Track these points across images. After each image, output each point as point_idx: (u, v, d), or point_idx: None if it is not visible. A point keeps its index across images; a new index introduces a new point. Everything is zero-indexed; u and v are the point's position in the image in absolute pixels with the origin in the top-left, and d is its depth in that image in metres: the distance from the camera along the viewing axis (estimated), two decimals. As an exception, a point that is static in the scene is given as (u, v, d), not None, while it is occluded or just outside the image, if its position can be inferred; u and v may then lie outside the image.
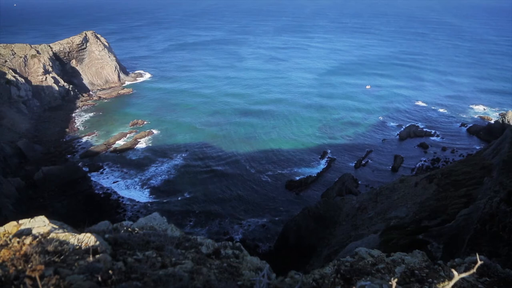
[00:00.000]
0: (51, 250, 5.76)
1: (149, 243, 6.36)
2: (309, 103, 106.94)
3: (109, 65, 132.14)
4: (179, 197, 64.93)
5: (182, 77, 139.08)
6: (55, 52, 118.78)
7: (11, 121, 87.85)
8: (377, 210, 42.95)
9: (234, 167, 74.13)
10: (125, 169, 75.07)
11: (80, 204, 61.77)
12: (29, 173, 70.57)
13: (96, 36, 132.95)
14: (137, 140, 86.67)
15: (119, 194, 66.29)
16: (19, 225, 6.93)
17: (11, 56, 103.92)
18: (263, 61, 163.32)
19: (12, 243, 6.00)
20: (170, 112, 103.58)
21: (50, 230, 6.40)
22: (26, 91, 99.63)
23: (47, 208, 56.29)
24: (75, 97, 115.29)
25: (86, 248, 6.02)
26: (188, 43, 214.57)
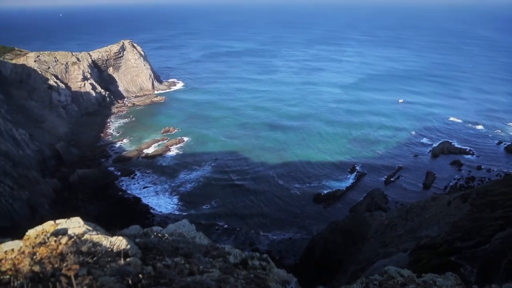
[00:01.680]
0: (85, 251, 5.99)
1: (178, 250, 6.50)
2: (339, 117, 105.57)
3: (144, 73, 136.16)
4: (206, 205, 65.49)
5: (213, 87, 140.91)
6: (94, 60, 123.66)
7: (51, 124, 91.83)
8: (407, 228, 41.73)
9: (262, 178, 74.11)
10: (155, 175, 76.62)
11: (111, 207, 63.42)
12: (65, 175, 73.30)
13: (133, 45, 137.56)
14: (168, 147, 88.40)
15: (149, 200, 67.64)
16: (56, 224, 7.24)
17: (54, 63, 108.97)
18: (293, 73, 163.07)
19: (49, 241, 6.29)
20: (201, 121, 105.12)
21: (84, 231, 6.66)
22: (66, 96, 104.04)
23: (80, 210, 58.10)
24: (110, 103, 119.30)
25: (117, 251, 6.22)
26: (220, 53, 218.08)
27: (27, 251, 5.77)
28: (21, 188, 58.78)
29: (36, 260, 5.42)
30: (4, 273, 5.01)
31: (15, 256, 5.61)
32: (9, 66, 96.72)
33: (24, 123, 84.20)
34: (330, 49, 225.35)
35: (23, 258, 5.52)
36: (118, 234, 7.02)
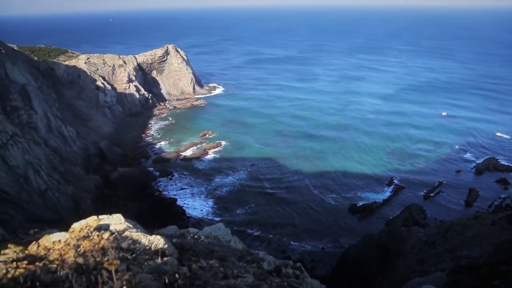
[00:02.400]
0: (125, 247, 6.24)
1: (213, 253, 6.63)
2: (378, 129, 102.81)
3: (185, 77, 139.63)
4: (240, 210, 65.85)
5: (252, 94, 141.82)
6: (139, 63, 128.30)
7: (96, 123, 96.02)
8: (446, 246, 39.95)
9: (297, 186, 73.63)
10: (192, 177, 78.08)
11: (149, 206, 65.20)
12: (107, 173, 76.22)
13: (177, 49, 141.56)
14: (206, 150, 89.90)
15: (185, 201, 68.97)
16: (99, 220, 7.59)
17: (102, 65, 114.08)
18: (332, 82, 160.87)
19: (92, 235, 6.60)
20: (238, 126, 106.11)
21: (125, 228, 6.94)
22: (112, 97, 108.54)
23: (120, 207, 60.09)
24: (153, 105, 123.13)
25: (155, 250, 6.43)
26: (261, 60, 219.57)
27: (72, 243, 6.09)
28: (67, 183, 61.75)
29: (80, 253, 5.71)
30: (52, 262, 5.33)
31: (62, 247, 5.94)
32: (62, 67, 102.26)
33: (73, 121, 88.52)
34: (371, 58, 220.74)
35: (68, 249, 5.84)
36: (156, 233, 7.26)
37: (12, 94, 69.48)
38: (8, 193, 48.87)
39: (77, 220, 8.04)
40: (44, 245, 6.02)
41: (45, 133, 71.37)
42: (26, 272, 4.76)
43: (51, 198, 55.67)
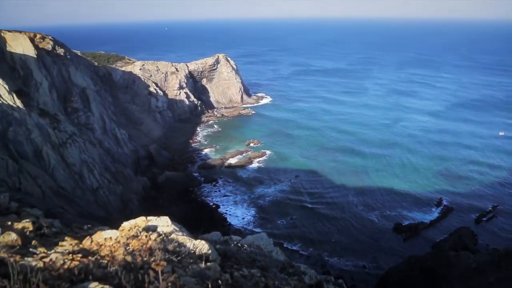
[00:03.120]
0: (171, 249, 6.44)
1: (255, 262, 6.67)
2: (426, 147, 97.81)
3: (234, 86, 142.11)
4: (281, 222, 65.44)
5: (298, 105, 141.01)
6: (190, 71, 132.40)
7: (147, 127, 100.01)
8: (499, 276, 37.28)
9: (341, 200, 72.05)
10: (236, 185, 78.89)
11: (192, 211, 66.55)
12: (155, 175, 78.90)
13: (227, 59, 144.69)
14: (251, 159, 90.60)
15: (227, 208, 69.73)
16: (147, 220, 7.89)
17: (156, 72, 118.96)
18: (381, 97, 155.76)
19: (141, 235, 6.88)
20: (283, 137, 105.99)
21: (171, 231, 7.17)
22: (163, 103, 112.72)
23: (165, 209, 61.73)
24: (201, 112, 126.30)
25: (199, 254, 6.59)
26: (310, 71, 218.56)
27: (122, 242, 6.39)
28: (117, 182, 64.63)
29: (129, 251, 5.98)
30: (103, 257, 5.62)
31: (112, 244, 6.25)
32: (119, 72, 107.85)
33: (125, 124, 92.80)
34: (423, 73, 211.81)
35: (118, 247, 6.13)
36: (201, 238, 7.43)
37: (74, 96, 74.13)
38: (65, 189, 51.94)
39: (124, 219, 8.40)
40: (97, 241, 6.36)
41: (100, 134, 75.33)
42: (80, 265, 5.06)
43: (102, 196, 58.46)
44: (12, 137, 49.99)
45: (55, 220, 8.82)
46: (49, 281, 4.42)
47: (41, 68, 66.18)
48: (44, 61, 69.64)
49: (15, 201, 10.73)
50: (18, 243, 5.70)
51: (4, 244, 5.50)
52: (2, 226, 6.39)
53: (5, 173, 43.99)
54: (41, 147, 52.55)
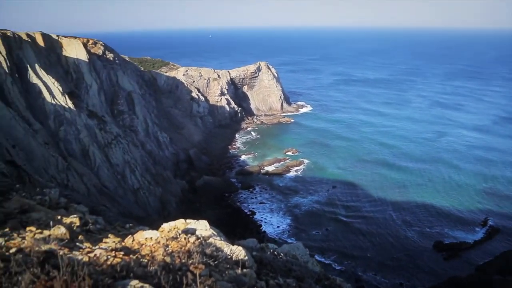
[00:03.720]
0: (209, 253, 6.53)
1: (291, 271, 6.63)
2: (472, 164, 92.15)
3: (274, 94, 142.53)
4: (316, 233, 64.46)
5: (338, 116, 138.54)
6: (232, 78, 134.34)
7: (188, 132, 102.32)
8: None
9: (377, 215, 69.79)
10: (272, 192, 78.77)
11: (228, 216, 67.08)
12: (193, 179, 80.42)
13: (268, 66, 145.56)
14: (288, 167, 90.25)
15: (263, 216, 69.70)
16: (186, 223, 8.06)
17: (198, 78, 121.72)
18: (424, 109, 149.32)
19: (180, 238, 7.02)
20: (322, 147, 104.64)
21: (210, 235, 7.28)
22: (204, 108, 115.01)
23: (201, 213, 62.73)
24: (241, 119, 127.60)
25: (236, 260, 6.63)
26: (351, 81, 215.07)
27: (162, 242, 6.56)
28: (157, 184, 66.44)
29: (168, 252, 6.12)
30: (143, 257, 5.79)
31: (153, 244, 6.43)
32: (164, 77, 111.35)
33: (167, 128, 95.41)
34: (470, 86, 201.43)
35: (158, 247, 6.30)
36: (237, 244, 7.48)
37: (120, 99, 77.29)
38: (108, 188, 54.05)
39: (162, 220, 8.59)
40: (138, 240, 6.57)
41: (143, 136, 77.94)
42: (122, 262, 5.24)
43: (142, 196, 60.29)
44: (63, 136, 52.80)
45: (99, 217, 9.20)
46: (93, 275, 4.60)
47: (92, 71, 69.61)
48: (94, 65, 73.24)
49: (64, 197, 11.30)
50: (66, 237, 6.00)
51: (54, 237, 5.80)
52: (52, 220, 6.75)
53: (55, 169, 46.46)
54: (88, 147, 55.10)
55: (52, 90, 54.49)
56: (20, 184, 10.93)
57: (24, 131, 45.90)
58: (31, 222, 6.82)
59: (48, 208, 8.26)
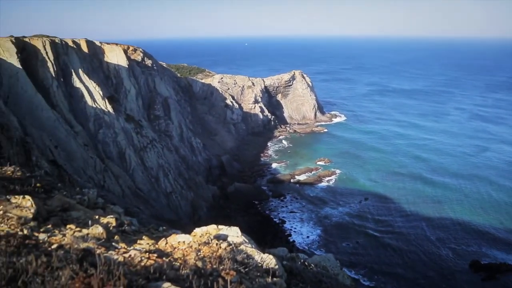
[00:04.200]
0: (239, 260, 6.54)
1: (321, 283, 6.53)
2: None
3: (308, 103, 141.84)
4: (347, 244, 63.14)
5: (372, 127, 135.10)
6: (266, 86, 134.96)
7: (221, 138, 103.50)
8: None
9: (411, 230, 67.25)
10: (303, 202, 78.04)
11: (258, 224, 67.04)
12: (224, 185, 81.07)
13: (303, 75, 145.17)
14: (320, 177, 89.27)
15: (293, 225, 69.13)
16: (218, 229, 8.12)
17: (233, 85, 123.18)
18: (463, 122, 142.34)
19: (212, 243, 7.08)
20: (354, 158, 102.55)
21: (241, 242, 7.30)
22: (238, 115, 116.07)
23: (231, 220, 63.04)
24: (274, 127, 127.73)
25: (266, 268, 6.61)
26: (387, 91, 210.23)
27: (194, 247, 6.64)
28: (189, 189, 67.47)
29: (200, 257, 6.19)
30: (176, 260, 5.88)
31: (185, 248, 6.52)
32: (199, 84, 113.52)
33: (201, 133, 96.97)
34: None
35: (190, 251, 6.38)
36: (268, 252, 7.46)
37: (156, 104, 79.38)
38: (141, 190, 55.43)
39: (193, 224, 8.70)
40: (171, 244, 6.69)
41: (177, 141, 79.54)
42: (155, 264, 5.35)
43: (174, 200, 61.36)
44: (101, 138, 54.76)
45: (133, 218, 9.45)
46: (127, 275, 4.72)
47: (131, 77, 72.02)
48: (133, 71, 75.76)
49: (101, 197, 11.69)
50: (103, 236, 6.19)
51: (92, 235, 6.01)
52: (90, 219, 7.00)
53: (93, 170, 48.20)
54: (125, 150, 56.84)
55: (93, 94, 56.79)
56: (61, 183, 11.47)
57: (66, 132, 48.00)
58: (71, 220, 7.10)
59: (86, 207, 8.57)
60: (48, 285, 3.88)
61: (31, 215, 6.25)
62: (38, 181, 9.32)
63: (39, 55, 52.27)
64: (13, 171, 9.85)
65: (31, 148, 34.80)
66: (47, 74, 51.72)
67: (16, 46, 49.55)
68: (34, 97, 47.60)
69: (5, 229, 5.39)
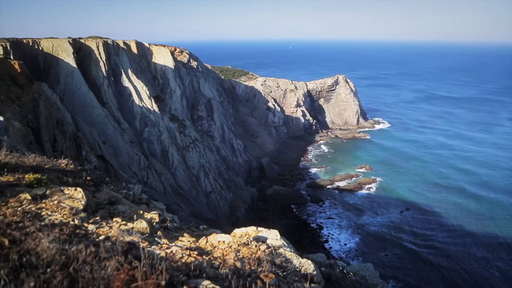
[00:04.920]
0: (278, 263, 6.53)
1: (361, 293, 6.39)
2: None
3: (351, 108, 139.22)
4: (385, 255, 61.14)
5: (416, 136, 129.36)
6: (309, 90, 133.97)
7: (262, 140, 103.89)
8: None
9: (453, 246, 63.51)
10: (342, 209, 76.63)
11: (295, 227, 66.59)
12: (263, 187, 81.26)
13: (346, 80, 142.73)
14: (360, 184, 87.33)
15: (330, 231, 68.04)
16: (257, 231, 8.14)
17: (276, 88, 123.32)
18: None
19: (251, 244, 7.12)
20: (397, 166, 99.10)
21: (280, 245, 7.27)
22: (279, 118, 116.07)
23: (268, 222, 63.02)
24: (315, 131, 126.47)
25: (304, 274, 6.54)
26: (434, 99, 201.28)
27: (233, 247, 6.71)
28: (228, 189, 68.24)
29: (239, 257, 6.24)
30: (216, 259, 5.97)
31: (225, 248, 6.60)
32: (242, 86, 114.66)
33: (242, 135, 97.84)
34: None
35: (229, 252, 6.45)
36: (306, 257, 7.38)
37: (200, 105, 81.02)
38: (182, 188, 56.73)
39: (230, 224, 8.76)
40: (211, 242, 6.79)
41: (219, 142, 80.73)
42: (195, 262, 5.45)
43: (213, 200, 62.28)
44: (146, 136, 56.67)
45: (174, 215, 9.68)
46: (169, 270, 4.85)
47: (177, 78, 74.02)
48: (179, 72, 77.81)
49: (144, 193, 12.09)
50: (147, 231, 6.40)
51: (137, 230, 6.23)
52: (135, 214, 7.26)
53: (137, 167, 49.97)
54: (168, 148, 58.46)
55: (140, 93, 58.95)
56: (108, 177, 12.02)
57: (114, 129, 50.12)
58: (117, 213, 7.39)
59: (131, 202, 8.88)
60: (96, 273, 4.06)
61: (81, 207, 6.57)
62: (88, 175, 9.80)
63: (92, 55, 55.04)
64: (66, 164, 10.42)
65: (82, 143, 36.64)
66: (99, 73, 54.31)
67: (73, 47, 52.49)
68: (87, 95, 50.13)
69: (59, 218, 5.71)
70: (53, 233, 4.98)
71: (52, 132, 29.30)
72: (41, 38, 53.44)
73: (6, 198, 6.07)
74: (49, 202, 6.56)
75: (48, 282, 3.52)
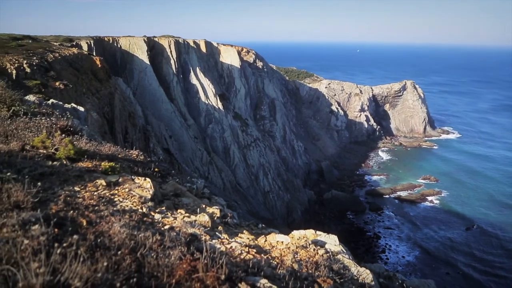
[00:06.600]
0: (335, 269, 6.40)
1: (422, 310, 6.05)
2: None
3: (418, 116, 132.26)
4: (448, 273, 57.28)
5: (487, 149, 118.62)
6: (374, 94, 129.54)
7: (323, 143, 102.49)
8: None
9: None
10: (402, 219, 73.21)
11: (350, 234, 64.86)
12: (321, 191, 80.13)
13: (414, 86, 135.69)
14: (423, 195, 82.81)
15: (388, 241, 65.34)
16: (316, 235, 8.04)
17: (340, 91, 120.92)
18: None
19: (309, 247, 7.05)
20: (467, 179, 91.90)
21: (338, 251, 7.12)
22: (342, 122, 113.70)
23: (324, 226, 62.02)
24: (378, 138, 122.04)
25: (361, 283, 6.35)
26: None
27: (291, 248, 6.69)
28: (286, 190, 68.22)
29: (296, 259, 6.21)
30: (273, 258, 5.99)
31: (283, 249, 6.61)
32: (306, 88, 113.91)
33: (303, 137, 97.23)
34: None
35: (288, 252, 6.44)
36: (364, 266, 7.16)
37: (263, 105, 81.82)
38: (241, 186, 57.73)
39: (286, 225, 8.71)
40: (270, 242, 6.83)
41: (279, 142, 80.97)
42: (254, 259, 5.51)
43: (271, 200, 62.62)
44: (210, 133, 58.42)
45: (234, 212, 9.87)
46: (228, 265, 4.95)
47: (242, 77, 75.42)
48: (245, 72, 79.19)
49: (206, 188, 12.46)
50: (208, 225, 6.60)
51: (199, 223, 6.44)
52: (198, 207, 7.51)
53: (200, 162, 51.70)
54: (230, 146, 59.79)
55: (207, 91, 60.89)
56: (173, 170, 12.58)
57: (180, 124, 52.31)
58: (181, 205, 7.70)
59: (195, 195, 9.20)
60: (161, 261, 4.25)
61: (149, 196, 6.94)
62: (156, 166, 10.31)
63: (164, 53, 57.90)
64: (137, 155, 11.05)
65: (150, 135, 38.68)
66: (169, 70, 56.99)
67: (147, 45, 55.64)
68: (157, 90, 52.83)
69: (129, 205, 6.07)
70: (123, 219, 5.31)
71: (124, 124, 31.26)
72: (120, 36, 57.30)
73: (84, 183, 6.58)
74: (121, 189, 7.01)
75: (118, 264, 3.75)
